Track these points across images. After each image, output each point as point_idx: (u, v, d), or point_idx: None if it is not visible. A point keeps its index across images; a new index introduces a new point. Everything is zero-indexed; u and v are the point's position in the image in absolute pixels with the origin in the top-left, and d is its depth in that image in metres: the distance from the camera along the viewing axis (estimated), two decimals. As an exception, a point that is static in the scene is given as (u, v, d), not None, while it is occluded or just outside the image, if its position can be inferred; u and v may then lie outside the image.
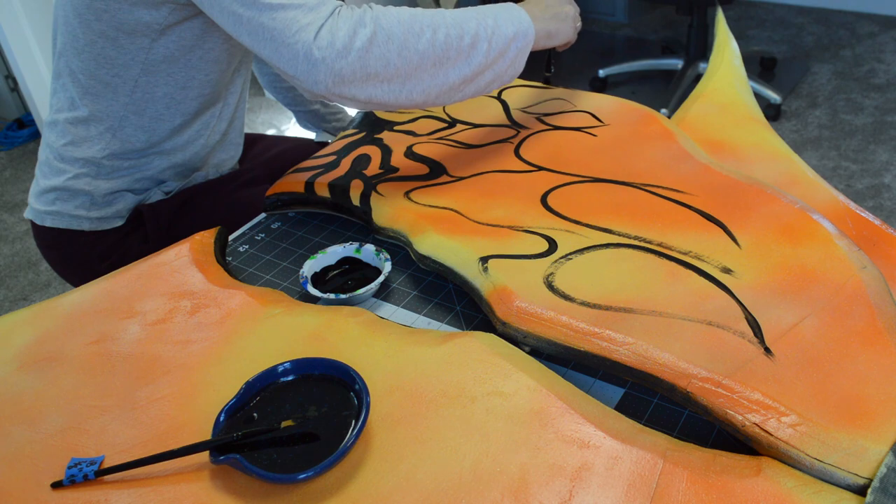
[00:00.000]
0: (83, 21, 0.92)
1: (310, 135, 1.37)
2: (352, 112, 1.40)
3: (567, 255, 0.72)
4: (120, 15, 0.90)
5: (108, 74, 0.95)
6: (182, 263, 0.78)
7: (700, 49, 2.49)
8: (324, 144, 1.25)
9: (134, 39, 0.92)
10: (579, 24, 0.97)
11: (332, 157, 0.96)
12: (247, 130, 1.25)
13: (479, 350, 0.63)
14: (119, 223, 1.04)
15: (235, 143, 1.12)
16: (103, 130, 0.99)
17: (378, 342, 0.66)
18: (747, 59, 2.44)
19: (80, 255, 1.05)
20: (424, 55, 0.79)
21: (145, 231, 1.04)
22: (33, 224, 1.07)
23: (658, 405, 0.62)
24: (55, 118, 1.01)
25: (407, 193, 0.85)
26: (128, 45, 0.92)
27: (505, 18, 0.85)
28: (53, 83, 1.01)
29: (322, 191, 0.89)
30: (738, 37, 2.92)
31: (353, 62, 0.76)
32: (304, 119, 1.34)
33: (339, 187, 0.88)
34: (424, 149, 0.95)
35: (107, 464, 0.56)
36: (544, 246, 0.73)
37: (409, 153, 0.94)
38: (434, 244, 0.76)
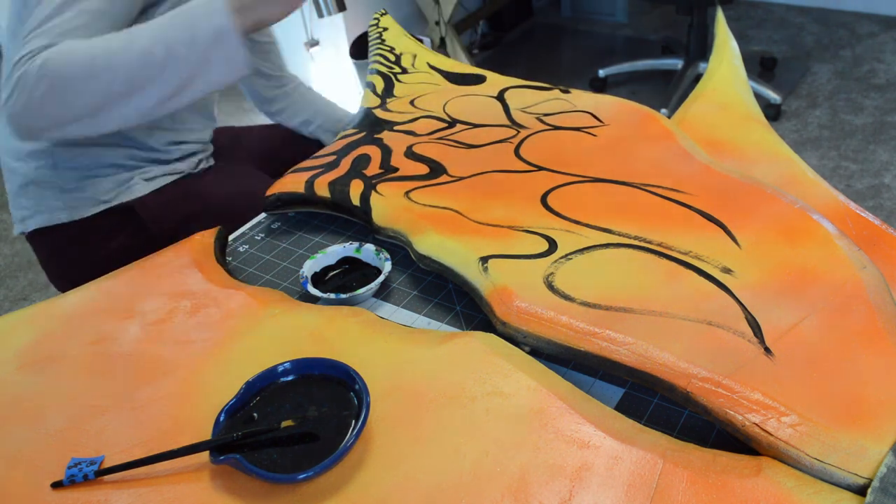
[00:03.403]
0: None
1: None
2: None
3: (567, 255, 0.72)
4: None
5: None
6: (182, 263, 0.78)
7: (700, 49, 2.48)
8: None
9: None
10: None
11: (332, 157, 0.96)
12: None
13: (479, 350, 0.63)
14: (101, 208, 1.03)
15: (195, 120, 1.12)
16: None
17: (378, 342, 0.66)
18: (747, 59, 2.44)
19: (82, 249, 1.05)
20: (107, 93, 0.82)
21: (140, 219, 1.05)
22: (27, 238, 1.07)
23: (658, 405, 0.62)
24: None
25: (407, 193, 0.85)
26: None
27: (203, 26, 0.84)
28: None
29: (322, 191, 0.89)
30: (738, 37, 2.91)
31: (38, 115, 0.82)
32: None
33: (339, 187, 0.88)
34: (424, 149, 0.95)
35: (107, 464, 0.56)
36: (544, 246, 0.73)
37: (409, 153, 0.94)
38: (434, 244, 0.76)
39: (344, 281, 0.79)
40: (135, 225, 1.05)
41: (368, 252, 0.81)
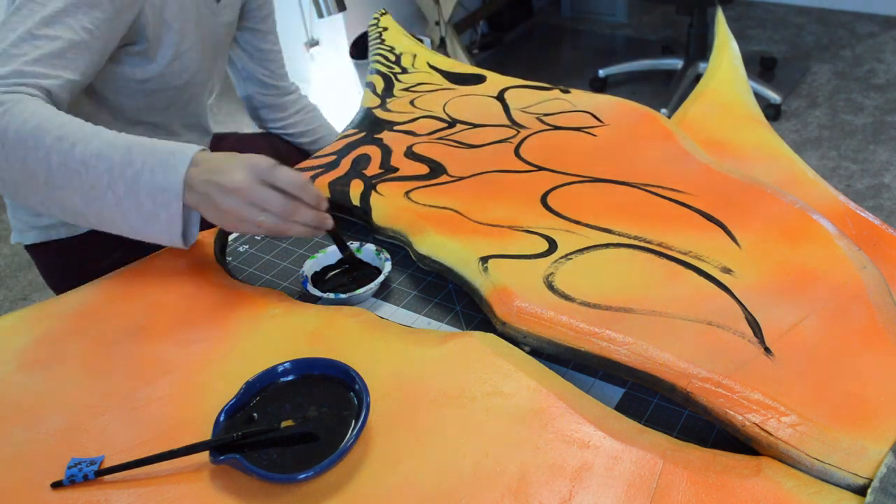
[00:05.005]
0: None
1: None
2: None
3: (567, 255, 0.72)
4: None
5: None
6: (182, 263, 0.78)
7: (700, 49, 2.48)
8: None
9: None
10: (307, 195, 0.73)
11: (332, 157, 0.96)
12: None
13: (479, 350, 0.63)
14: None
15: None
16: None
17: (378, 342, 0.66)
18: (747, 59, 2.44)
19: (79, 262, 1.05)
20: (28, 172, 0.72)
21: None
22: (26, 248, 1.07)
23: (658, 405, 0.62)
24: None
25: (407, 193, 0.85)
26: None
27: (151, 175, 0.71)
28: None
29: (322, 191, 0.89)
30: (738, 37, 2.91)
31: None
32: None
33: (339, 187, 0.88)
34: (424, 149, 0.95)
35: (107, 464, 0.56)
36: (544, 246, 0.73)
37: (409, 153, 0.94)
38: (434, 244, 0.76)
39: (344, 281, 0.79)
40: (132, 240, 1.04)
41: (368, 252, 0.81)
